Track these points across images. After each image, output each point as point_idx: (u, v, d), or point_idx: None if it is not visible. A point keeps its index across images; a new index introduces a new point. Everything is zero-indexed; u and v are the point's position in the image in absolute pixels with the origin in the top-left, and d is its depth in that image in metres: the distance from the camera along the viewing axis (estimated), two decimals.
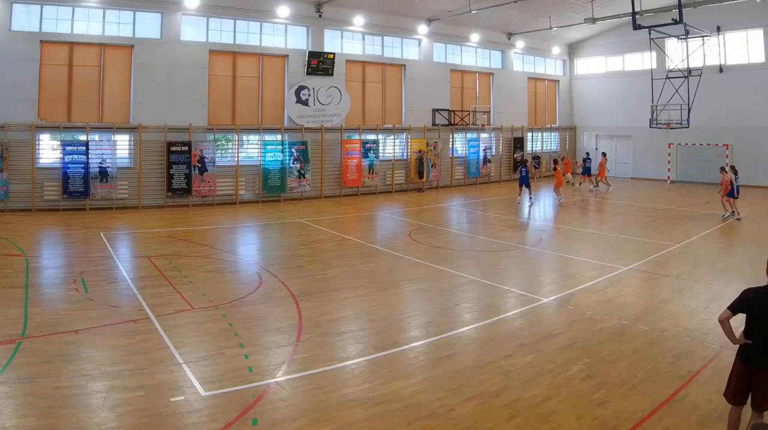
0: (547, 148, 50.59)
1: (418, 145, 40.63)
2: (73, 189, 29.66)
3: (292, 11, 35.32)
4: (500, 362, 10.96)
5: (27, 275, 16.71)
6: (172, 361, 10.75)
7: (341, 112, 37.87)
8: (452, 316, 14.01)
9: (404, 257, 20.17)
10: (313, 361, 10.97)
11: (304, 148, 35.86)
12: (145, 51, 31.70)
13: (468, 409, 9.13)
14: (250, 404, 9.14)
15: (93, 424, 8.46)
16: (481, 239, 24.23)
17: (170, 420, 8.64)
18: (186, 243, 22.35)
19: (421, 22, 41.07)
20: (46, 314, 13.22)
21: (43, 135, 29.78)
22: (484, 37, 44.65)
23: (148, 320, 13.00)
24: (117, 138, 31.05)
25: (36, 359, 10.60)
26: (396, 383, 10.06)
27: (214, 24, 34.07)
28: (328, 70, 37.01)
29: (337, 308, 14.54)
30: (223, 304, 14.38)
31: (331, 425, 8.64)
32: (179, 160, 31.95)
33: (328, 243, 22.86)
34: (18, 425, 8.34)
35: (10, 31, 28.55)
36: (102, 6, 30.66)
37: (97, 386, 9.64)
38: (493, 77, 46.55)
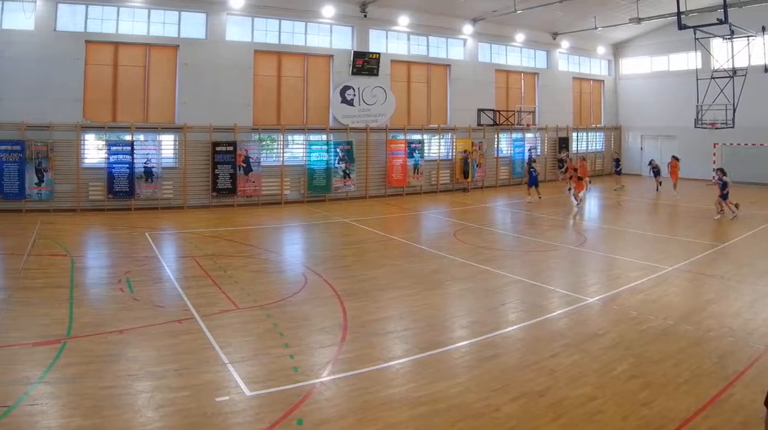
0: (592, 148, 48.56)
1: (463, 145, 39.03)
2: (118, 189, 28.46)
3: (337, 11, 33.83)
4: (545, 362, 10.59)
5: (72, 275, 16.15)
6: (217, 361, 10.45)
7: (386, 112, 36.22)
8: (497, 316, 13.53)
9: (449, 256, 19.36)
10: (358, 361, 10.62)
11: (349, 148, 34.37)
12: (190, 51, 30.41)
13: (513, 409, 8.84)
14: (295, 404, 8.86)
15: (138, 424, 8.25)
16: (526, 238, 23.10)
17: (215, 420, 8.41)
18: (231, 243, 21.55)
19: (466, 22, 39.26)
20: (91, 314, 12.81)
21: (88, 135, 28.63)
22: (529, 37, 42.67)
23: (193, 319, 12.62)
24: (162, 138, 29.87)
25: (81, 359, 10.29)
26: (441, 383, 9.72)
27: (259, 24, 32.64)
28: (373, 70, 35.45)
29: (382, 307, 14.01)
30: (268, 304, 13.91)
31: (376, 425, 8.36)
32: (224, 160, 30.64)
33: (373, 243, 21.98)
34: (63, 425, 8.13)
35: (55, 31, 27.41)
36: (147, 6, 29.42)
37: (142, 386, 9.39)
38: (538, 77, 44.48)
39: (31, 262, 17.55)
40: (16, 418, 8.19)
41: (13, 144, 26.45)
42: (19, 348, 10.69)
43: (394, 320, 13.12)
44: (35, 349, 10.68)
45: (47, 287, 14.93)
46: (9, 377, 9.46)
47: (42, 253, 18.80)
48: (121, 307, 13.43)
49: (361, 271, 17.43)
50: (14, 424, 8.03)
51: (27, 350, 10.60)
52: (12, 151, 26.42)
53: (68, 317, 12.47)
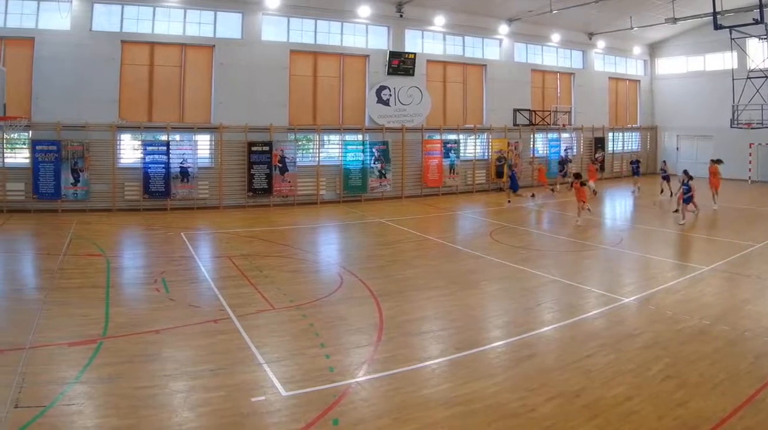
0: (628, 148, 46.68)
1: (499, 145, 37.69)
2: (154, 189, 27.56)
3: (373, 11, 32.66)
4: (581, 362, 10.31)
5: (108, 276, 15.80)
6: (252, 361, 10.21)
7: (422, 112, 34.93)
8: (533, 316, 13.21)
9: (485, 256, 18.82)
10: (394, 361, 10.35)
11: (385, 148, 33.19)
12: (226, 51, 29.40)
13: (549, 409, 8.61)
14: (330, 404, 8.65)
15: (174, 424, 8.08)
16: (562, 238, 22.28)
17: (251, 420, 8.23)
18: (267, 243, 20.96)
19: (502, 22, 37.77)
20: (127, 314, 12.58)
21: (124, 135, 27.80)
22: (564, 37, 41.06)
23: (229, 320, 12.34)
24: (198, 138, 28.91)
25: (117, 359, 10.11)
26: (477, 382, 9.47)
27: (295, 24, 31.51)
28: (409, 70, 34.15)
29: (418, 307, 13.71)
30: (304, 304, 13.57)
31: (412, 425, 8.16)
32: (260, 160, 29.62)
33: (408, 243, 21.26)
34: (99, 425, 7.98)
35: (91, 31, 26.57)
36: (183, 6, 28.46)
37: (177, 386, 9.19)
38: (573, 77, 42.78)
39: (67, 262, 17.11)
40: (52, 418, 8.01)
41: (49, 144, 25.65)
42: (55, 348, 10.47)
43: (429, 320, 12.87)
44: (71, 349, 10.46)
45: (83, 287, 14.58)
46: (45, 376, 9.27)
47: (78, 253, 18.32)
48: (157, 307, 13.18)
49: (396, 271, 16.92)
50: (50, 423, 7.86)
51: (63, 350, 10.38)
52: (48, 151, 25.64)
53: (104, 317, 12.19)
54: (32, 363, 9.74)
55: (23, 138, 25.90)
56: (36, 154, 25.57)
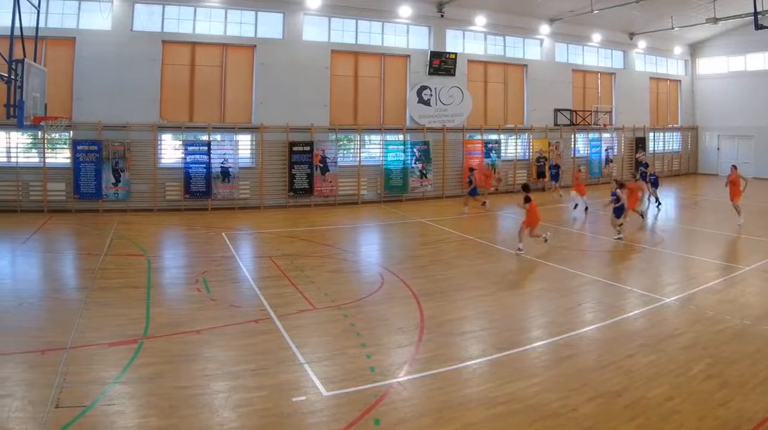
0: (669, 148, 44.33)
1: (540, 145, 35.77)
2: (195, 189, 26.20)
3: (414, 11, 30.89)
4: (622, 362, 9.90)
5: (149, 276, 15.27)
6: (293, 361, 9.84)
7: (463, 112, 33.06)
8: (574, 316, 12.65)
9: (526, 256, 17.87)
10: (434, 361, 9.95)
11: (426, 148, 31.45)
12: (267, 51, 27.91)
13: (590, 409, 8.28)
14: (371, 404, 8.34)
15: (215, 424, 7.82)
16: (603, 238, 21.15)
17: (292, 420, 7.97)
18: (308, 243, 20.09)
19: (543, 22, 35.76)
20: (168, 314, 12.14)
21: (165, 135, 26.53)
22: (605, 37, 38.79)
23: (270, 320, 11.85)
24: (239, 138, 27.50)
25: (158, 359, 9.76)
26: (518, 383, 9.14)
27: (336, 24, 29.88)
28: (449, 70, 32.31)
29: (459, 307, 13.12)
30: (345, 304, 13.05)
31: (453, 425, 7.85)
32: (301, 160, 28.12)
33: (449, 243, 20.22)
34: (140, 425, 7.72)
35: (132, 31, 25.30)
36: (224, 6, 27.04)
37: (218, 386, 8.90)
38: (614, 77, 40.47)
39: (107, 262, 16.47)
40: (93, 418, 7.75)
41: (90, 144, 24.46)
42: (96, 348, 10.14)
43: (470, 320, 12.39)
44: (112, 349, 10.13)
45: (124, 287, 14.09)
46: (86, 377, 8.95)
47: (119, 253, 17.64)
48: (198, 307, 12.73)
49: (437, 271, 16.12)
50: (90, 423, 7.59)
51: (104, 351, 10.06)
52: (89, 151, 24.46)
53: (145, 317, 11.81)
54: (73, 363, 9.39)
55: (64, 138, 24.75)
56: (77, 154, 24.40)
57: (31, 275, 15.48)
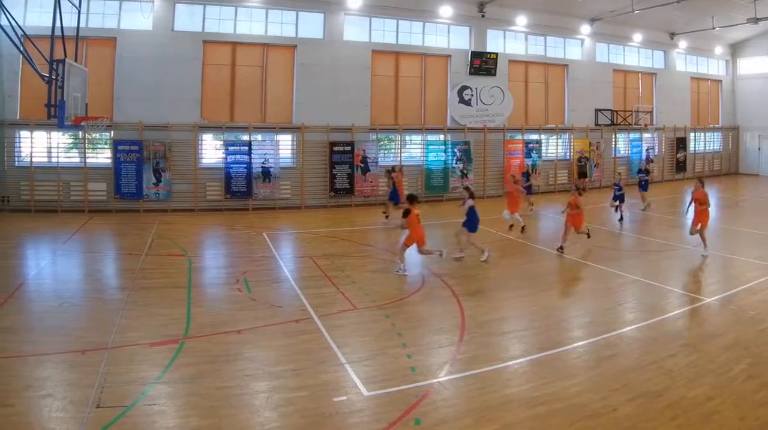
0: (710, 148, 41.61)
1: (581, 146, 33.46)
2: (236, 189, 24.63)
3: (455, 11, 28.90)
4: (663, 362, 9.33)
5: (190, 276, 14.52)
6: (334, 361, 9.37)
7: (504, 112, 30.92)
8: (615, 316, 12.01)
9: (566, 256, 16.88)
10: (475, 361, 9.45)
11: (466, 148, 29.44)
12: (307, 51, 26.21)
13: (630, 409, 7.75)
14: (412, 404, 7.85)
15: (256, 424, 7.37)
16: (643, 238, 20.21)
17: (333, 420, 7.47)
18: (349, 243, 19.06)
19: (584, 22, 33.42)
20: (209, 314, 11.52)
21: (206, 135, 25.02)
22: (646, 37, 36.27)
23: (311, 320, 11.27)
24: (279, 138, 25.88)
25: (198, 359, 9.32)
26: (558, 382, 8.56)
27: (377, 24, 28.02)
28: (490, 70, 30.22)
29: (500, 307, 12.53)
30: (386, 304, 12.38)
31: (494, 425, 7.38)
32: (342, 160, 26.40)
33: (490, 243, 18.04)
34: (180, 425, 7.30)
35: (173, 31, 23.89)
36: (265, 6, 25.42)
37: (259, 386, 8.44)
38: (655, 77, 37.85)
39: (148, 262, 15.65)
40: (134, 418, 7.38)
41: (131, 144, 23.06)
42: (137, 348, 9.69)
43: (511, 320, 11.73)
44: (153, 349, 9.67)
45: (165, 287, 13.39)
46: (127, 377, 8.55)
47: (160, 253, 16.76)
48: (239, 307, 12.09)
49: (478, 271, 15.31)
50: (131, 423, 7.25)
51: (145, 350, 9.61)
52: (130, 151, 23.08)
53: (186, 317, 11.23)
54: (114, 363, 8.97)
55: (105, 138, 23.37)
56: (118, 154, 23.01)
57: (71, 275, 14.57)
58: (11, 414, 7.34)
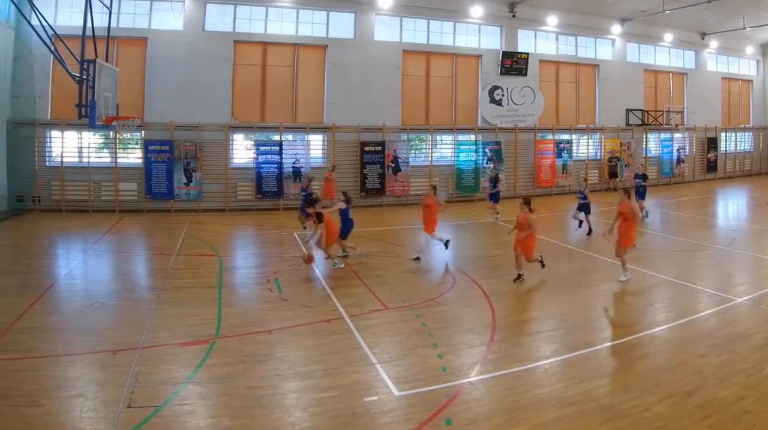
0: (741, 148, 39.26)
1: (612, 145, 31.52)
2: (267, 189, 23.31)
3: (486, 11, 27.24)
4: (693, 362, 8.69)
5: (220, 275, 13.75)
6: (365, 361, 8.73)
7: (534, 112, 29.17)
8: (645, 316, 11.22)
9: (598, 257, 15.92)
10: (506, 361, 8.79)
11: (497, 148, 27.72)
12: (338, 51, 24.80)
13: (661, 409, 7.23)
14: (443, 404, 7.35)
15: (286, 424, 6.93)
16: (675, 238, 18.94)
17: (364, 420, 7.02)
18: (379, 243, 17.81)
19: (615, 22, 31.49)
20: (240, 314, 10.91)
21: (237, 135, 23.67)
22: (677, 37, 34.15)
23: (342, 320, 10.64)
24: (310, 138, 24.52)
25: (229, 359, 8.71)
26: (589, 383, 8.02)
27: (408, 24, 26.47)
28: (521, 70, 28.53)
29: (531, 307, 12.02)
30: (417, 304, 11.67)
31: (525, 425, 6.91)
32: (373, 160, 24.94)
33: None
34: (211, 424, 6.90)
35: (204, 31, 22.69)
36: (295, 6, 24.05)
37: (290, 386, 7.93)
38: (686, 77, 35.67)
39: (179, 262, 14.78)
40: (165, 418, 6.91)
41: (162, 144, 21.86)
42: (168, 348, 9.19)
43: (542, 319, 11.09)
44: (184, 349, 9.19)
45: (196, 287, 12.67)
46: (158, 377, 8.07)
47: (190, 253, 15.85)
48: (270, 307, 11.49)
49: (509, 271, 13.92)
50: (162, 423, 6.79)
51: (176, 350, 9.12)
52: (161, 151, 21.88)
53: (217, 317, 10.64)
54: (145, 363, 8.52)
55: (136, 138, 22.21)
56: (149, 154, 21.83)
57: (102, 275, 13.74)
58: (43, 414, 6.96)
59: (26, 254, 15.63)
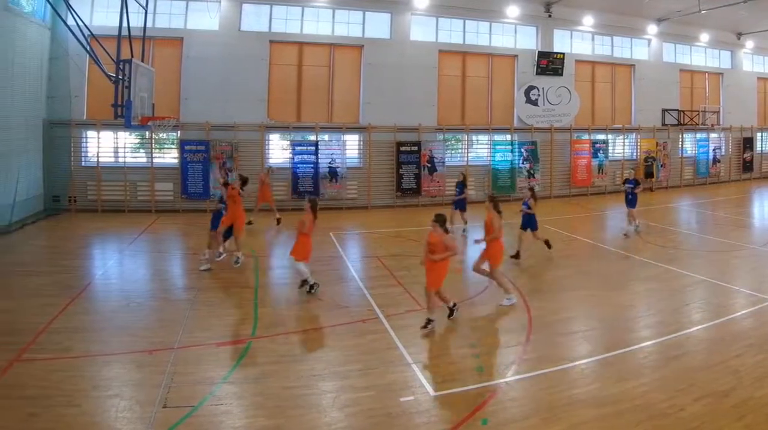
0: None
1: (647, 145, 29.15)
2: (303, 189, 21.62)
3: (522, 11, 25.12)
4: (730, 362, 8.02)
5: (257, 276, 12.94)
6: (401, 361, 8.20)
7: (570, 112, 27.01)
8: (682, 316, 10.32)
9: (633, 256, 14.88)
10: (542, 361, 8.17)
11: (533, 148, 25.65)
12: (374, 51, 22.99)
13: (697, 409, 6.80)
14: (479, 404, 6.92)
15: (322, 424, 6.55)
16: (711, 238, 17.66)
17: (400, 420, 6.63)
18: (416, 243, 16.37)
19: (651, 22, 29.09)
20: (276, 314, 10.14)
21: (273, 135, 22.01)
22: (713, 37, 31.56)
23: (378, 319, 9.87)
24: (346, 138, 22.69)
25: (265, 359, 8.24)
26: (625, 382, 7.47)
27: (444, 24, 24.51)
28: (557, 70, 26.37)
29: (567, 307, 10.84)
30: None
31: (560, 425, 6.48)
32: (409, 160, 23.05)
33: (557, 243, 16.00)
34: (247, 425, 6.49)
35: (240, 31, 21.09)
36: (331, 6, 22.31)
37: (326, 386, 7.45)
38: (722, 77, 33.04)
39: (215, 262, 13.57)
40: (201, 418, 6.53)
41: (198, 144, 20.37)
42: (203, 348, 8.55)
43: (578, 319, 10.27)
44: (220, 349, 8.57)
45: (232, 286, 11.97)
46: (194, 376, 7.52)
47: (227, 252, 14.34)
48: (306, 307, 10.82)
49: (545, 271, 13.73)
50: (198, 423, 6.42)
51: (212, 351, 8.49)
52: (197, 151, 20.35)
53: (253, 317, 10.06)
54: (181, 363, 7.96)
55: (172, 138, 20.73)
56: (184, 154, 20.31)
57: (138, 275, 12.96)
58: (78, 414, 6.59)
59: (62, 254, 14.65)
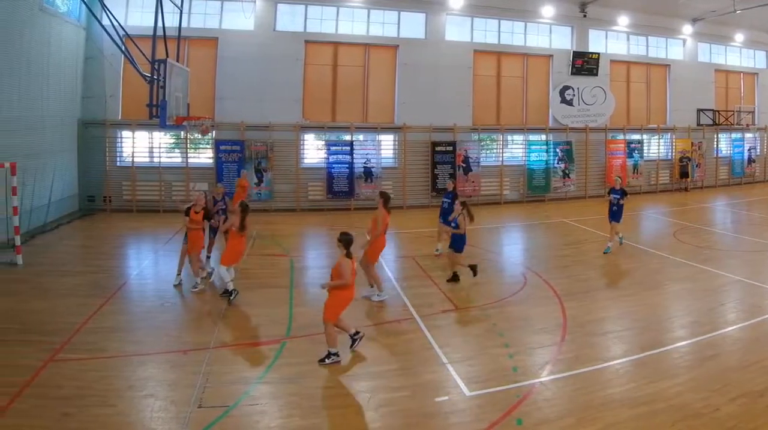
0: None
1: (683, 145, 26.82)
2: (338, 189, 19.97)
3: (557, 11, 23.09)
4: (765, 362, 7.40)
5: (292, 275, 12.09)
6: (436, 361, 7.60)
7: (605, 112, 24.83)
8: (717, 316, 9.49)
9: (669, 257, 13.71)
10: (577, 361, 7.59)
11: (568, 148, 23.55)
12: (409, 51, 21.18)
13: (732, 409, 6.29)
14: (514, 404, 6.45)
15: (358, 424, 6.16)
16: (746, 239, 16.34)
17: (435, 420, 6.22)
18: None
19: (686, 22, 26.74)
20: (311, 314, 8.98)
21: (308, 135, 20.35)
22: (748, 37, 28.96)
23: (413, 320, 9.22)
24: (381, 138, 20.93)
25: (300, 358, 7.61)
26: (661, 383, 6.92)
27: (479, 24, 22.57)
28: (592, 70, 24.25)
29: (602, 308, 10.00)
30: (488, 304, 9.98)
31: (596, 425, 6.03)
32: (444, 160, 21.21)
33: (592, 243, 15.40)
34: (282, 424, 6.11)
35: (275, 31, 19.53)
36: (366, 6, 20.59)
37: (361, 386, 6.93)
38: (757, 77, 30.32)
39: (250, 262, 12.52)
40: (236, 418, 6.14)
41: (233, 144, 18.85)
42: (239, 348, 8.02)
43: (612, 320, 9.40)
44: (255, 349, 8.04)
45: (267, 287, 11.14)
46: (229, 377, 7.02)
47: (262, 253, 13.79)
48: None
49: (580, 271, 12.59)
50: (234, 423, 6.03)
51: (247, 351, 7.97)
52: (232, 151, 18.85)
53: (288, 317, 9.27)
54: (216, 363, 7.38)
55: (207, 138, 19.19)
56: (219, 154, 18.79)
57: (173, 275, 11.58)
58: (113, 414, 6.14)
59: (97, 254, 13.73)
